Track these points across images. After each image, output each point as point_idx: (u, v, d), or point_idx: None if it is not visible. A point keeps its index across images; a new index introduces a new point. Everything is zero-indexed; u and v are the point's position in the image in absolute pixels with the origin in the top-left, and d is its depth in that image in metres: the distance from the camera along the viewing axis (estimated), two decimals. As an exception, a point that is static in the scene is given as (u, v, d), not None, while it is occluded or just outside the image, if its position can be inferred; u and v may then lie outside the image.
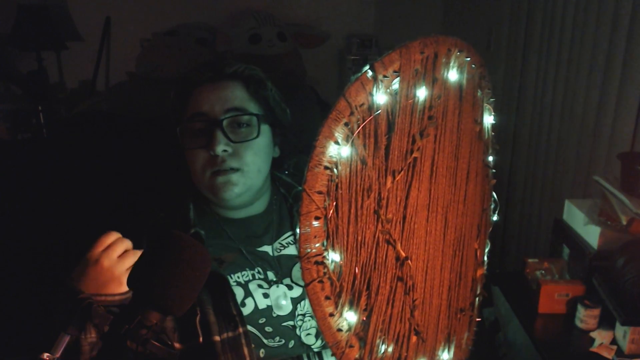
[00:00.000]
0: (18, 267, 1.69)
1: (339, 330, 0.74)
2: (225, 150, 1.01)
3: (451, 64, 0.82)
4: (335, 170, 0.70)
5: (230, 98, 1.03)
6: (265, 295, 1.03)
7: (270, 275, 1.06)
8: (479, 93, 0.93)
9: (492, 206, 1.04)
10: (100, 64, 2.86)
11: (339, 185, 0.71)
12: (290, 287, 1.05)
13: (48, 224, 1.67)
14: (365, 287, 0.76)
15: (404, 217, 0.80)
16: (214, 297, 0.97)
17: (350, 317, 0.75)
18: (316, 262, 0.70)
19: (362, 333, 0.77)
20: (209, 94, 1.03)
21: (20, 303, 1.61)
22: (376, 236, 0.76)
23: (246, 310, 1.00)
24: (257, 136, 1.04)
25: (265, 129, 1.06)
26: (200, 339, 0.94)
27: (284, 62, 2.40)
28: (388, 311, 0.80)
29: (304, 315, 1.04)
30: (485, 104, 0.96)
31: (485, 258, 1.04)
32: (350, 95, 0.69)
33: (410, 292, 0.83)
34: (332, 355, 0.76)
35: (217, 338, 0.94)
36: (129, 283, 0.67)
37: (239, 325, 0.96)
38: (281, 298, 1.03)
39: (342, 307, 0.74)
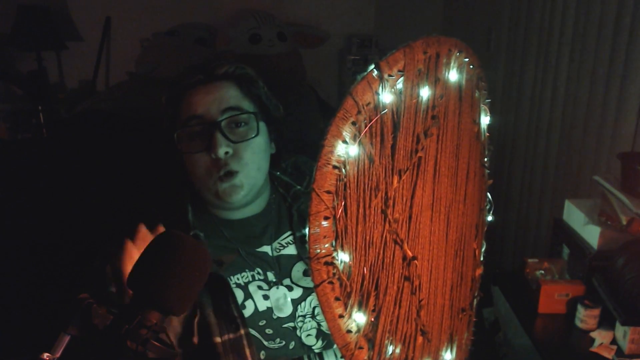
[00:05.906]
0: (18, 267, 1.69)
1: (349, 331, 0.73)
2: (227, 152, 1.00)
3: (451, 65, 0.82)
4: (343, 169, 0.69)
5: (225, 98, 1.03)
6: (266, 297, 1.02)
7: (270, 276, 1.05)
8: (477, 94, 0.93)
9: (487, 206, 1.04)
10: (100, 64, 2.86)
11: (347, 184, 0.70)
12: (290, 289, 1.05)
13: (48, 224, 1.67)
14: (373, 287, 0.75)
15: (410, 217, 0.80)
16: (214, 299, 0.96)
17: (359, 318, 0.74)
18: (326, 263, 0.69)
19: (370, 334, 0.76)
20: (203, 96, 1.02)
21: (20, 303, 1.60)
22: (384, 236, 0.76)
23: (246, 313, 1.00)
24: (257, 134, 1.03)
25: (262, 126, 1.06)
26: (195, 339, 0.93)
27: (284, 62, 2.39)
28: (395, 312, 0.80)
29: (304, 316, 1.03)
30: (481, 105, 0.96)
31: (481, 258, 1.04)
32: (357, 94, 0.69)
33: (417, 292, 0.83)
34: (342, 357, 0.75)
35: (218, 339, 0.93)
36: (129, 283, 0.67)
37: (240, 327, 0.95)
38: (281, 300, 1.03)
39: (352, 308, 0.73)
